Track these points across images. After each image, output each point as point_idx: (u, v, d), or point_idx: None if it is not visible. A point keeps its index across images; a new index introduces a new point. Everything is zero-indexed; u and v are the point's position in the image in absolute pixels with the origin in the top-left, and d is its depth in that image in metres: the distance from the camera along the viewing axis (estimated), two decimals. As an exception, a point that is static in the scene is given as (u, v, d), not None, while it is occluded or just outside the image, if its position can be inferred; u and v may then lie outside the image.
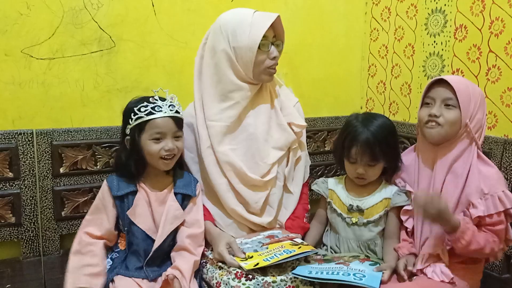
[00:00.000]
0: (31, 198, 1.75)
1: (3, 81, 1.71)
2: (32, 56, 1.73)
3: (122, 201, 1.43)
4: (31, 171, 1.74)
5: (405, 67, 2.16)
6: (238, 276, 1.36)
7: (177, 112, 1.43)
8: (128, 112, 1.41)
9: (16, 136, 1.70)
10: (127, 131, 1.42)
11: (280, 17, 1.48)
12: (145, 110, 1.38)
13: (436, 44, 1.98)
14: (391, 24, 2.22)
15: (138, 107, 1.39)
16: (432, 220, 1.33)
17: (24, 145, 1.72)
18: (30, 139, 1.72)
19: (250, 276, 1.35)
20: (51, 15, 1.74)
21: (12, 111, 1.74)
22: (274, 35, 1.50)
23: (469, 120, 1.38)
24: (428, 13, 2.01)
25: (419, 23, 2.06)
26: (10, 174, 1.71)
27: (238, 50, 1.46)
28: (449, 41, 1.92)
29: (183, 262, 1.41)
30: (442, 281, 1.34)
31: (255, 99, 1.57)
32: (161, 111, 1.39)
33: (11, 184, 1.72)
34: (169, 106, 1.41)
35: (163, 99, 1.42)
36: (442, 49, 1.95)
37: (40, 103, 1.78)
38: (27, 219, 1.75)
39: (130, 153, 1.42)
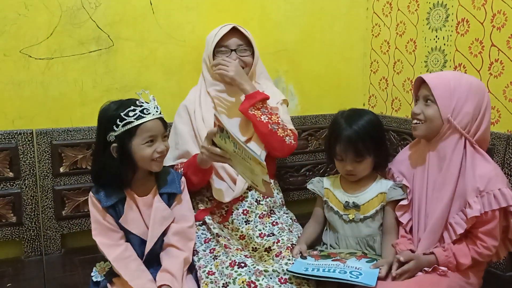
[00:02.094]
0: (31, 198, 1.76)
1: (2, 81, 1.72)
2: (31, 56, 1.74)
3: (114, 210, 1.40)
4: (32, 171, 1.75)
5: (407, 63, 2.13)
6: (232, 264, 1.38)
7: (160, 113, 1.40)
8: (111, 119, 1.34)
9: (16, 136, 1.72)
10: (111, 139, 1.35)
11: (236, 27, 1.75)
12: (134, 114, 1.34)
13: (438, 38, 1.95)
14: (392, 19, 2.20)
15: (125, 112, 1.33)
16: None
17: (24, 145, 1.73)
18: (30, 139, 1.73)
19: (243, 264, 1.37)
20: (49, 15, 1.74)
21: (11, 111, 1.75)
22: (241, 43, 1.77)
23: (451, 115, 1.36)
24: (430, 8, 1.98)
25: (420, 18, 2.03)
26: (11, 174, 1.72)
27: (208, 56, 1.77)
28: (451, 35, 1.89)
29: (172, 263, 1.40)
30: (434, 270, 1.35)
31: (235, 97, 1.79)
32: (149, 113, 1.36)
33: (11, 183, 1.73)
34: (154, 108, 1.38)
35: (146, 102, 1.38)
36: (444, 44, 1.92)
37: (40, 103, 1.79)
38: (28, 219, 1.76)
39: (121, 161, 1.36)
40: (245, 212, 1.67)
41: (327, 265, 1.36)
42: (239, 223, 1.66)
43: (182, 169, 1.67)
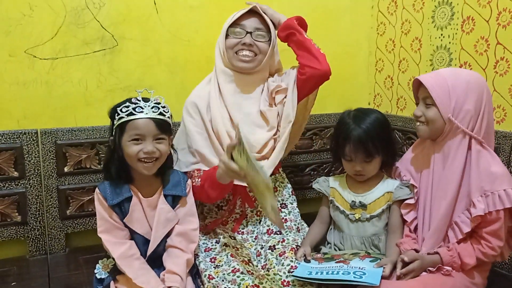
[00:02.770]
0: (36, 197, 1.77)
1: (7, 81, 1.74)
2: (35, 57, 1.75)
3: (119, 208, 1.41)
4: (36, 170, 1.76)
5: (412, 61, 2.12)
6: (234, 271, 1.37)
7: (161, 114, 1.37)
8: (112, 113, 1.38)
9: (21, 135, 1.73)
10: (113, 132, 1.39)
11: (256, 8, 1.61)
12: (126, 111, 1.35)
13: (443, 37, 1.93)
14: (397, 18, 2.18)
15: (121, 107, 1.35)
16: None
17: (29, 145, 1.74)
18: (34, 138, 1.74)
19: (245, 271, 1.36)
20: (54, 16, 1.75)
21: (16, 111, 1.77)
22: (260, 27, 1.62)
23: (452, 115, 1.35)
24: (435, 6, 1.96)
25: (425, 16, 2.02)
26: (16, 174, 1.73)
27: (221, 40, 1.62)
28: (456, 33, 1.87)
29: (176, 264, 1.39)
30: (439, 270, 1.34)
31: (246, 90, 1.66)
32: (142, 112, 1.34)
33: (16, 183, 1.74)
34: (152, 108, 1.36)
35: (147, 100, 1.38)
36: (450, 42, 1.90)
37: (44, 103, 1.80)
38: (32, 218, 1.77)
39: (112, 154, 1.40)
40: (258, 213, 1.65)
41: (330, 267, 1.35)
42: (254, 224, 1.64)
43: (199, 179, 1.56)
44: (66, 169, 1.79)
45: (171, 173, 1.49)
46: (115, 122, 1.37)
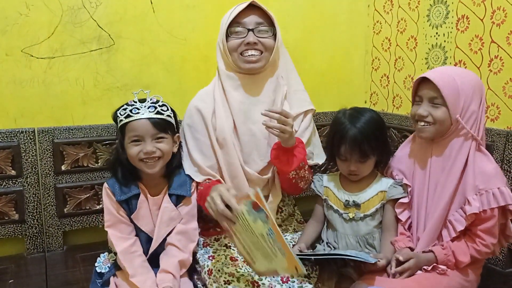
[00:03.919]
0: (34, 196, 1.78)
1: (4, 80, 1.75)
2: (32, 56, 1.76)
3: (127, 204, 1.42)
4: (34, 169, 1.77)
5: (408, 60, 2.13)
6: (231, 274, 1.36)
7: (159, 113, 1.37)
8: (114, 117, 1.41)
9: (18, 134, 1.74)
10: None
11: (255, 2, 1.47)
12: (124, 113, 1.36)
13: (439, 35, 1.94)
14: (393, 17, 2.19)
15: (119, 110, 1.38)
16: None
17: (26, 143, 1.75)
18: (32, 137, 1.75)
19: (246, 262, 1.35)
20: (50, 15, 1.76)
21: (14, 110, 1.78)
22: (261, 21, 1.49)
23: (460, 115, 1.34)
24: (430, 4, 1.97)
25: (421, 15, 2.03)
26: (13, 172, 1.74)
27: (222, 40, 1.50)
28: (451, 32, 1.88)
29: (171, 263, 1.40)
30: (434, 269, 1.35)
31: (255, 93, 1.53)
32: (138, 113, 1.35)
33: (14, 181, 1.75)
34: (148, 108, 1.36)
35: (143, 101, 1.38)
36: (445, 41, 1.92)
37: (41, 101, 1.81)
38: (30, 216, 1.78)
39: (117, 156, 1.42)
40: None
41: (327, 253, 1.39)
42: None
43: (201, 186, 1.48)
44: (63, 168, 1.80)
45: (177, 172, 1.49)
46: (117, 126, 1.40)
